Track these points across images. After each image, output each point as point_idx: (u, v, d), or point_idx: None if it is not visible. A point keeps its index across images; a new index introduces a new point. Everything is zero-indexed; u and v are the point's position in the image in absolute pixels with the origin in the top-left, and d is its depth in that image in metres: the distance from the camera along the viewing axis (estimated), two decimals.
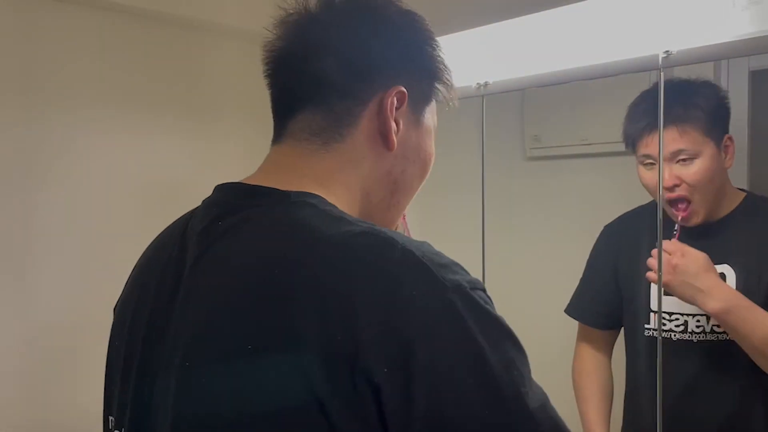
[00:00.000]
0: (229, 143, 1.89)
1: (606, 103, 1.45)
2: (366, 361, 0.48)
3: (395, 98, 0.65)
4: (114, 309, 0.73)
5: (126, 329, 0.66)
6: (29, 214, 1.51)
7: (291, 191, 0.60)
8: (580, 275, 1.40)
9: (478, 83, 1.31)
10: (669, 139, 1.14)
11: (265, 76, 0.68)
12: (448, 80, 0.71)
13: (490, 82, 1.31)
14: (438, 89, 0.71)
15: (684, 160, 1.15)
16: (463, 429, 0.48)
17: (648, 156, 1.20)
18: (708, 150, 1.15)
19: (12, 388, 1.48)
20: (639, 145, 1.21)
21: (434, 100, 0.71)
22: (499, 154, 1.49)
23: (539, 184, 1.70)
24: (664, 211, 1.17)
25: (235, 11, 1.82)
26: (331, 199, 0.61)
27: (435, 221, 1.76)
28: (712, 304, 1.07)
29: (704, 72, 1.26)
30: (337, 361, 0.48)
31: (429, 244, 0.55)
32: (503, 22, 1.26)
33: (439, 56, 0.70)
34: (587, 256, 1.39)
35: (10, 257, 1.49)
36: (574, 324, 1.41)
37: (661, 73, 1.08)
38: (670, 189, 1.16)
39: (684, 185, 1.15)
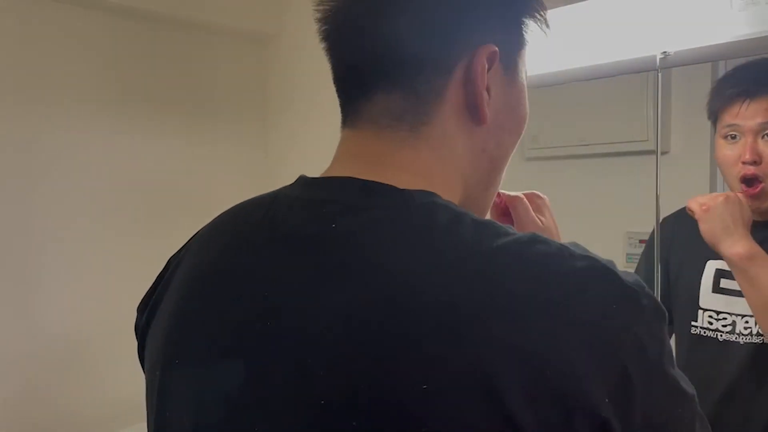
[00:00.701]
0: (229, 143, 1.90)
1: (604, 103, 1.45)
2: (588, 396, 0.41)
3: (485, 61, 0.53)
4: (138, 308, 0.63)
5: (187, 344, 0.53)
6: (29, 214, 1.51)
7: (413, 190, 0.49)
8: None
9: None
10: (761, 109, 1.09)
11: (321, 39, 0.56)
12: (540, 15, 0.58)
13: None
14: (527, 25, 0.57)
15: None
16: (667, 426, 0.46)
17: (734, 126, 1.11)
18: None
19: (12, 389, 1.48)
20: (726, 113, 1.13)
21: (526, 45, 0.58)
22: None
23: (537, 185, 1.69)
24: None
25: (235, 11, 1.82)
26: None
27: None
28: (738, 247, 1.04)
29: (702, 73, 1.26)
30: (550, 399, 0.41)
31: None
32: None
33: None
34: None
35: (10, 258, 1.49)
36: None
37: (659, 74, 1.08)
38: (749, 163, 1.10)
39: (764, 164, 1.09)
